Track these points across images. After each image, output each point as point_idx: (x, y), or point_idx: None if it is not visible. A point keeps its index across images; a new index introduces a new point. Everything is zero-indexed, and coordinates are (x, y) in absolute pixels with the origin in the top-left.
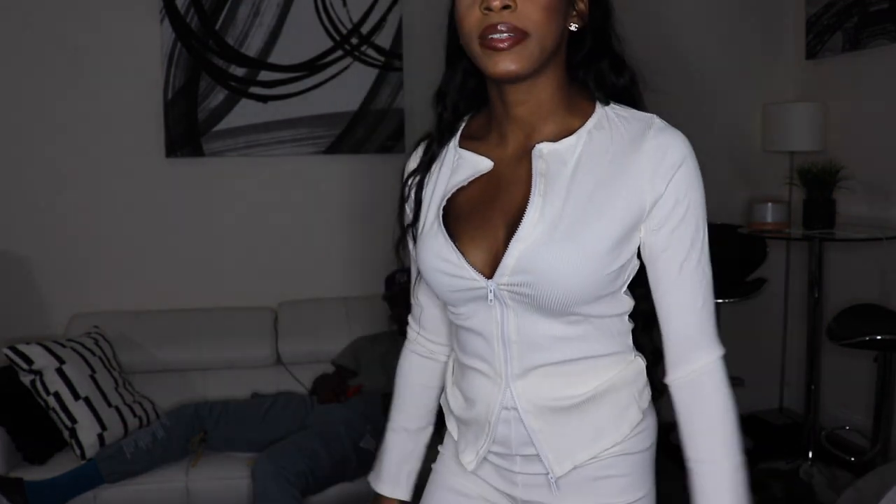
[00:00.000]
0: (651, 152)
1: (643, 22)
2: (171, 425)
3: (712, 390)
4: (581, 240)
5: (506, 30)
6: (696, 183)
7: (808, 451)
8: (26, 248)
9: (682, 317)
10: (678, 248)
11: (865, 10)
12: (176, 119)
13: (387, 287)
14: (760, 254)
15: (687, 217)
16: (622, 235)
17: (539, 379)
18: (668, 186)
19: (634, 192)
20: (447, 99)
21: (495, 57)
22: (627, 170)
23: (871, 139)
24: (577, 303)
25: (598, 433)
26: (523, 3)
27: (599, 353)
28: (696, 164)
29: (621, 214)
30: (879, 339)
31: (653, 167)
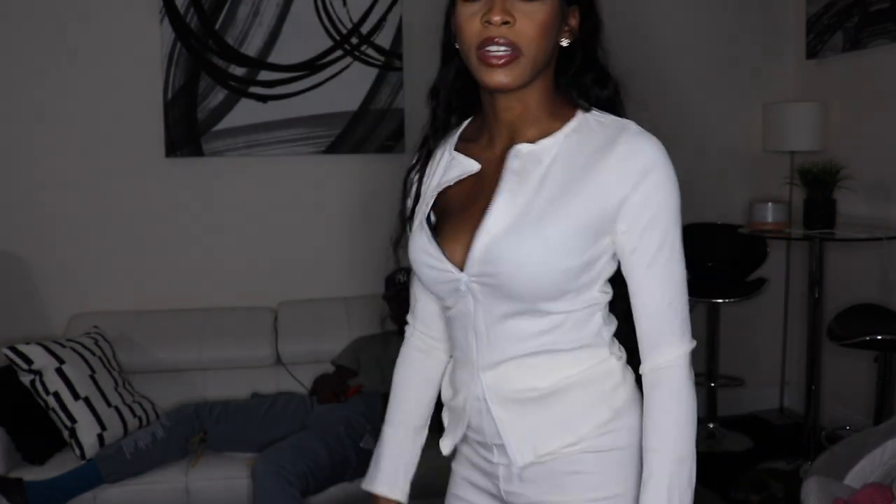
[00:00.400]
0: (620, 155)
1: (643, 22)
2: (170, 425)
3: (669, 384)
4: (542, 233)
5: (503, 43)
6: (666, 187)
7: (809, 451)
8: (26, 248)
9: (649, 315)
10: (646, 249)
11: (866, 10)
12: (176, 119)
13: (387, 287)
14: (761, 254)
15: (655, 220)
16: (585, 233)
17: (507, 370)
18: (636, 190)
19: (600, 192)
20: (440, 95)
21: (491, 71)
22: (596, 171)
23: (872, 139)
24: (539, 295)
25: (561, 427)
26: (521, 19)
27: (564, 347)
28: (667, 169)
29: (586, 212)
30: (880, 339)
31: (620, 170)
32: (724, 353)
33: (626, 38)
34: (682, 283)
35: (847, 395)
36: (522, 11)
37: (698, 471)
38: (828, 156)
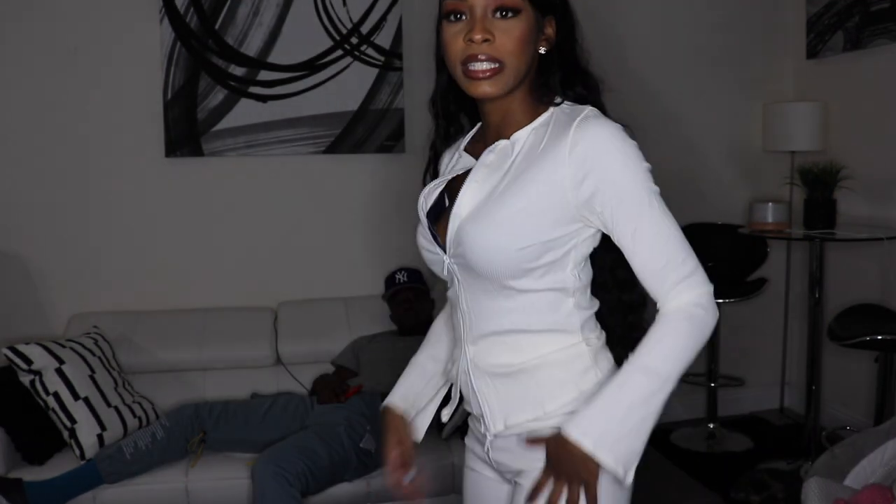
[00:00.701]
0: (571, 139)
1: (643, 22)
2: (170, 426)
3: (669, 318)
4: (497, 216)
5: (485, 59)
6: (619, 163)
7: (809, 451)
8: (26, 248)
9: (648, 277)
10: (625, 223)
11: (866, 10)
12: (175, 119)
13: (386, 287)
14: (761, 254)
15: (622, 195)
16: (540, 215)
17: (486, 346)
18: (591, 174)
19: (553, 178)
20: (438, 104)
21: (475, 83)
22: (549, 158)
23: (872, 139)
24: (501, 272)
25: (530, 403)
26: (500, 35)
27: (535, 328)
28: (616, 146)
29: (538, 197)
30: (880, 340)
31: (570, 151)
32: (725, 353)
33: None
34: (674, 238)
35: (847, 395)
36: (501, 28)
37: (698, 470)
38: (828, 156)
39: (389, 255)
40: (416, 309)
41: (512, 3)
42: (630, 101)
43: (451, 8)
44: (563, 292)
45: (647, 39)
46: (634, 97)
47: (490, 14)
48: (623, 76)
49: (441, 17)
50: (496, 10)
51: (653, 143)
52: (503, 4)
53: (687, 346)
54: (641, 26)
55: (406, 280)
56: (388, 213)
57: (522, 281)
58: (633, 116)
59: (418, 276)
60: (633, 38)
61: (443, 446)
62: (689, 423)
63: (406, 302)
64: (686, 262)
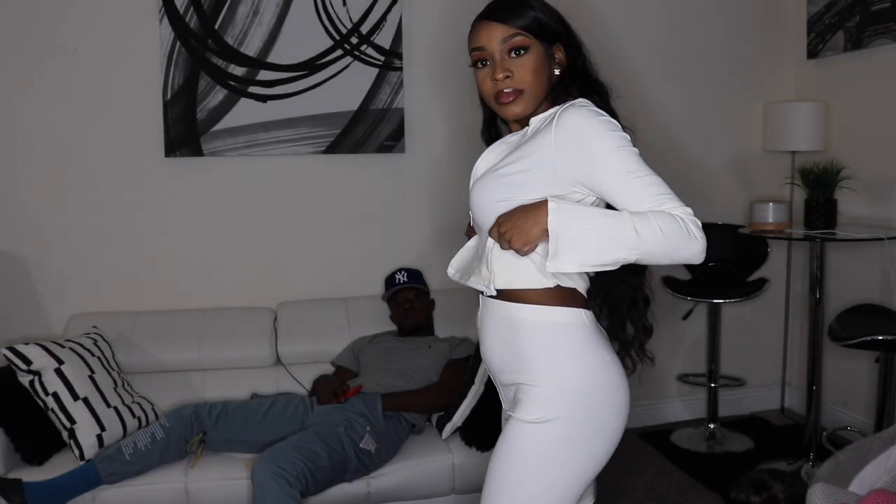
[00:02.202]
0: (556, 121)
1: (643, 21)
2: (170, 426)
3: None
4: (496, 177)
5: (510, 92)
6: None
7: (810, 451)
8: (25, 248)
9: None
10: (609, 180)
11: (867, 10)
12: (175, 118)
13: (386, 287)
14: (761, 254)
15: (598, 156)
16: (526, 179)
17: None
18: (572, 143)
19: (540, 148)
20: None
21: (505, 108)
22: (541, 136)
23: (873, 139)
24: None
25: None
26: (517, 70)
27: (531, 285)
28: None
29: (529, 164)
30: (881, 340)
31: (555, 130)
32: (725, 353)
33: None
34: (659, 184)
35: (848, 395)
36: (517, 65)
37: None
38: (829, 156)
39: (389, 255)
40: (416, 309)
41: (521, 42)
42: (631, 101)
43: (476, 58)
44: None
45: (647, 40)
46: (635, 97)
47: (506, 55)
48: (623, 76)
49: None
50: (510, 51)
51: (653, 143)
52: (514, 46)
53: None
54: (642, 27)
55: (406, 280)
56: (388, 213)
57: None
58: (634, 116)
59: (418, 276)
60: (633, 39)
61: (443, 446)
62: (690, 423)
63: (406, 302)
64: (671, 197)
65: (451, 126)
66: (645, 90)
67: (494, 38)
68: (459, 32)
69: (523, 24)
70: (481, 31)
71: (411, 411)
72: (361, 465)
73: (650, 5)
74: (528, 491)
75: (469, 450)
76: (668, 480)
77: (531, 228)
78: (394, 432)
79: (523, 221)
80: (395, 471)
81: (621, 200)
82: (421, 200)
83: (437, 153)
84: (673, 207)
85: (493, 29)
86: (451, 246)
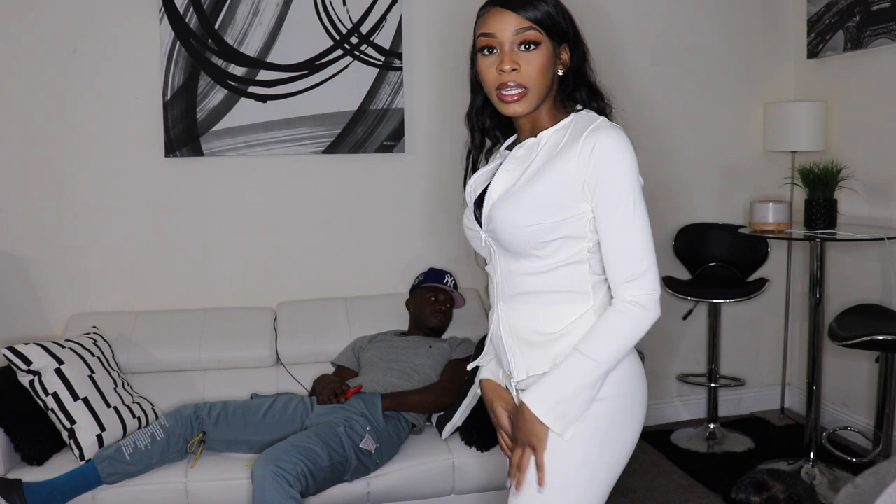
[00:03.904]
0: (584, 140)
1: (643, 21)
2: (169, 426)
3: (618, 309)
4: (522, 198)
5: (514, 86)
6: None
7: (810, 451)
8: (25, 248)
9: (608, 264)
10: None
11: (867, 10)
12: (175, 118)
13: (428, 279)
14: (762, 254)
15: (610, 192)
16: (553, 198)
17: (514, 305)
18: (594, 167)
19: (566, 166)
20: (474, 119)
21: (506, 105)
22: (565, 154)
23: (873, 139)
24: (522, 244)
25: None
26: (524, 65)
27: (554, 289)
28: (617, 152)
29: (553, 184)
30: (881, 340)
31: (582, 151)
32: (725, 353)
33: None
34: (641, 239)
35: (848, 395)
36: (525, 59)
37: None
38: (829, 156)
39: (389, 254)
40: (446, 313)
41: (533, 37)
42: (631, 101)
43: (484, 44)
44: (579, 260)
45: (647, 40)
46: (635, 98)
47: (515, 48)
48: (623, 76)
49: (475, 51)
50: (520, 44)
51: (654, 143)
52: (526, 39)
53: (620, 337)
54: (642, 27)
55: (453, 287)
56: (388, 213)
57: (543, 251)
58: (634, 117)
59: (457, 286)
60: (633, 39)
61: (443, 446)
62: (690, 423)
63: (443, 304)
64: (641, 262)
65: (451, 126)
66: (645, 90)
67: (507, 27)
68: (460, 32)
69: (537, 18)
70: (494, 17)
71: (411, 411)
72: (361, 465)
73: (650, 5)
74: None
75: (469, 450)
76: (668, 480)
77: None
78: (394, 432)
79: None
80: (395, 471)
81: (602, 239)
82: (421, 200)
83: (437, 153)
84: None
85: (506, 17)
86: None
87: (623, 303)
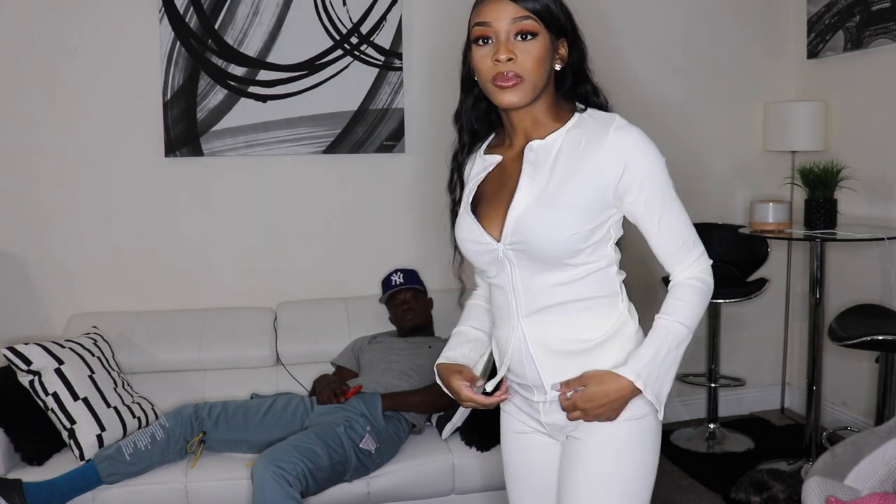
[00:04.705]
0: (612, 141)
1: (643, 21)
2: (169, 426)
3: (691, 283)
4: (558, 205)
5: (511, 76)
6: (649, 162)
7: (810, 451)
8: (25, 248)
9: (669, 255)
10: (653, 211)
11: (867, 10)
12: (175, 118)
13: (383, 289)
14: (762, 254)
15: (652, 188)
16: (588, 204)
17: (541, 318)
18: (627, 171)
19: (597, 172)
20: (463, 118)
21: (502, 93)
22: (594, 155)
23: (873, 139)
24: (559, 254)
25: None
26: (521, 55)
27: (585, 296)
28: (648, 148)
29: (589, 188)
30: (881, 340)
31: (610, 156)
32: (725, 353)
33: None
34: (688, 224)
35: (848, 395)
36: (522, 49)
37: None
38: (829, 156)
39: (389, 254)
40: (414, 309)
41: (530, 27)
42: (630, 101)
43: (479, 34)
44: (609, 263)
45: (647, 40)
46: (635, 97)
47: (512, 37)
48: (623, 76)
49: (470, 42)
50: (517, 34)
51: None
52: (523, 29)
53: (701, 306)
54: (642, 27)
55: (402, 281)
56: (388, 214)
57: (576, 259)
58: (634, 117)
59: (414, 275)
60: (633, 39)
61: (443, 446)
62: (690, 423)
63: (404, 303)
64: (696, 244)
65: (451, 126)
66: (645, 90)
67: (504, 16)
68: (459, 32)
69: (535, 9)
70: (490, 6)
71: (411, 411)
72: (361, 465)
73: (650, 5)
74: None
75: (469, 450)
76: (668, 480)
77: (619, 408)
78: (394, 432)
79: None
80: (395, 471)
81: (656, 235)
82: (421, 200)
83: (437, 153)
84: (699, 260)
85: (503, 6)
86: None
87: (696, 279)
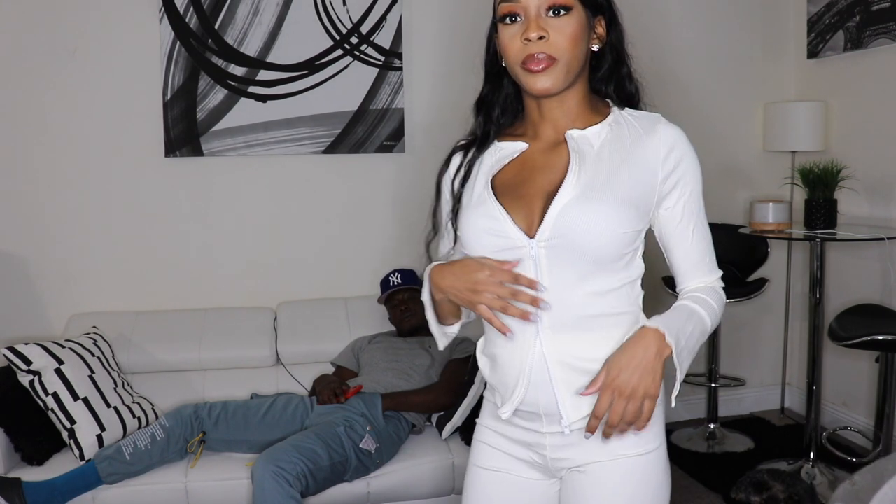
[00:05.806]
0: (661, 141)
1: (644, 21)
2: (169, 426)
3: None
4: (606, 201)
5: (543, 58)
6: (694, 168)
7: (810, 451)
8: (25, 248)
9: (693, 262)
10: (689, 218)
11: (867, 10)
12: (175, 118)
13: (382, 290)
14: (762, 254)
15: (692, 193)
16: (634, 204)
17: (569, 332)
18: (674, 172)
19: (647, 170)
20: (488, 107)
21: (533, 78)
22: (642, 154)
23: (873, 139)
24: (606, 253)
25: None
26: (554, 33)
27: (618, 310)
28: (694, 153)
29: (637, 186)
30: (881, 340)
31: (662, 153)
32: (725, 353)
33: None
34: (709, 235)
35: (848, 395)
36: (554, 27)
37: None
38: (829, 156)
39: (389, 255)
40: (412, 310)
41: (564, 1)
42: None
43: (506, 11)
44: (638, 276)
45: (646, 39)
46: None
47: (543, 13)
48: None
49: (496, 21)
50: (549, 8)
51: None
52: (555, 3)
53: (719, 310)
54: (641, 26)
55: (400, 282)
56: (388, 214)
57: (617, 264)
58: None
59: (412, 275)
60: (632, 39)
61: (443, 446)
62: (690, 423)
63: (402, 304)
64: (713, 255)
65: (451, 126)
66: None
67: None
68: (460, 32)
69: None
70: None
71: (411, 411)
72: (361, 465)
73: (650, 5)
74: None
75: (469, 450)
76: None
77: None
78: (394, 432)
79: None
80: (395, 471)
81: (687, 242)
82: (421, 200)
83: (437, 153)
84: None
85: None
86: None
87: (714, 289)
